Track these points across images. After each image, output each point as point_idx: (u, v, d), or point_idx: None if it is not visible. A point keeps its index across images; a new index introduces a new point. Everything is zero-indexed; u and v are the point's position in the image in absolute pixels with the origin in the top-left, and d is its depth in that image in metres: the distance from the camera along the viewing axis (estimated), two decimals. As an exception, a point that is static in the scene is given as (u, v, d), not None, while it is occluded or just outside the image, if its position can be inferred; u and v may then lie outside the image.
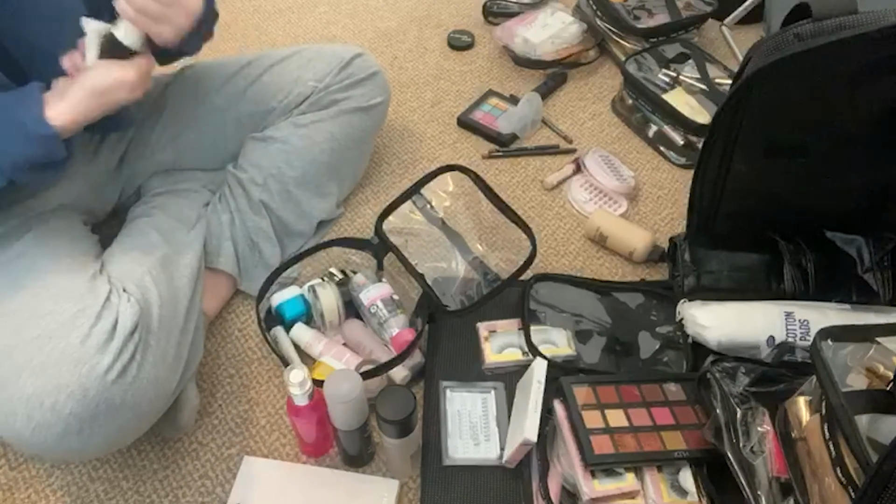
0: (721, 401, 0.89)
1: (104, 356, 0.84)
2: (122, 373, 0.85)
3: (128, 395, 0.85)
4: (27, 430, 0.82)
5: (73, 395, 0.82)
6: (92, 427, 0.83)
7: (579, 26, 1.60)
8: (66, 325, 0.85)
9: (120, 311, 0.88)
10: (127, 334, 0.87)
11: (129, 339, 0.87)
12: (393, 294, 1.11)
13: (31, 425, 0.82)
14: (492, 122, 1.47)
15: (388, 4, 1.79)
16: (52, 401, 0.81)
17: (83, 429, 0.83)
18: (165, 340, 0.93)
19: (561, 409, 0.95)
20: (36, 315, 0.87)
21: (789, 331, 1.01)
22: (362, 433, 0.94)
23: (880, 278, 1.07)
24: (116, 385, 0.84)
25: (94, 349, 0.84)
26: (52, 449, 0.84)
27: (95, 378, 0.83)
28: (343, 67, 1.22)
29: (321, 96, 1.20)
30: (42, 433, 0.82)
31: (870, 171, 1.01)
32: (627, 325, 1.12)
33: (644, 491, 0.89)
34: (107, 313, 0.88)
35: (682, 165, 1.40)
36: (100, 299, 0.89)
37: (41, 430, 0.82)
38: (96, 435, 0.84)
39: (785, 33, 0.88)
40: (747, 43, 1.10)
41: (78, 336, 0.85)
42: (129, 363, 0.86)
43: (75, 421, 0.82)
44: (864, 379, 0.78)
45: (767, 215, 1.08)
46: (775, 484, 0.81)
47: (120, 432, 0.88)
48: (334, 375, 0.90)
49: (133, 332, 0.88)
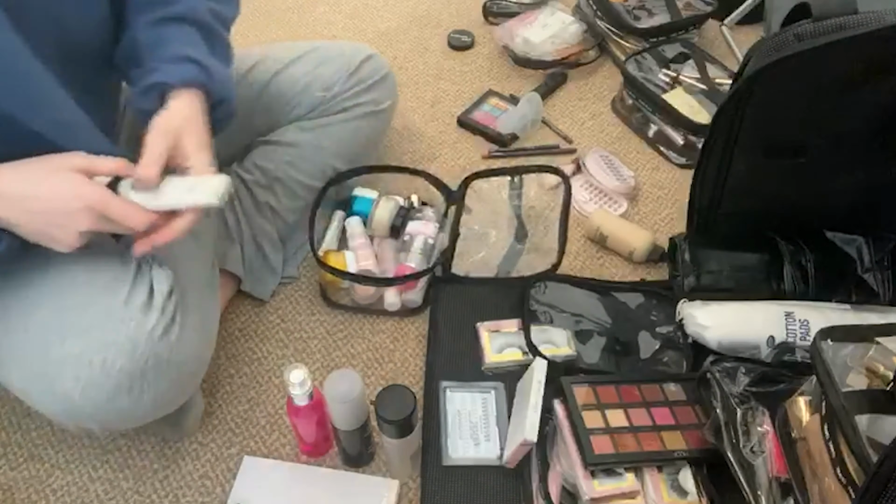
0: (721, 401, 0.89)
1: (148, 314, 0.84)
2: (166, 332, 0.84)
3: (174, 353, 0.85)
4: (76, 391, 0.80)
5: (122, 351, 0.81)
6: (142, 384, 0.82)
7: (579, 26, 1.60)
8: (105, 290, 0.84)
9: (154, 276, 0.87)
10: (165, 296, 0.86)
11: (167, 301, 0.86)
12: (430, 238, 1.17)
13: (80, 385, 0.80)
14: (492, 122, 1.47)
15: (388, 4, 1.79)
16: (102, 358, 0.80)
17: (133, 386, 0.82)
18: (199, 309, 0.93)
19: (561, 409, 0.95)
20: (73, 285, 0.85)
21: (789, 331, 1.01)
22: (362, 433, 0.94)
23: (880, 278, 1.07)
24: (162, 342, 0.84)
25: (137, 309, 0.83)
26: (103, 409, 0.82)
27: (143, 333, 0.82)
28: (352, 73, 1.18)
29: (330, 105, 1.18)
30: (92, 393, 0.80)
31: (869, 171, 1.01)
32: (627, 325, 1.12)
33: (644, 491, 0.89)
34: (141, 279, 0.87)
35: (682, 165, 1.40)
36: (131, 266, 0.87)
37: (91, 389, 0.80)
38: (146, 392, 0.83)
39: (785, 33, 0.88)
40: (747, 43, 1.10)
41: (119, 299, 0.84)
42: (171, 323, 0.85)
43: (125, 377, 0.81)
44: (864, 379, 0.78)
45: (767, 215, 1.08)
46: (775, 484, 0.81)
47: (168, 390, 0.87)
48: (334, 376, 0.90)
49: (170, 295, 0.87)
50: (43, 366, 0.82)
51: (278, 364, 1.12)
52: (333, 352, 1.13)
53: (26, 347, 0.83)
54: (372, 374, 1.11)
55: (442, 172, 1.32)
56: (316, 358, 1.12)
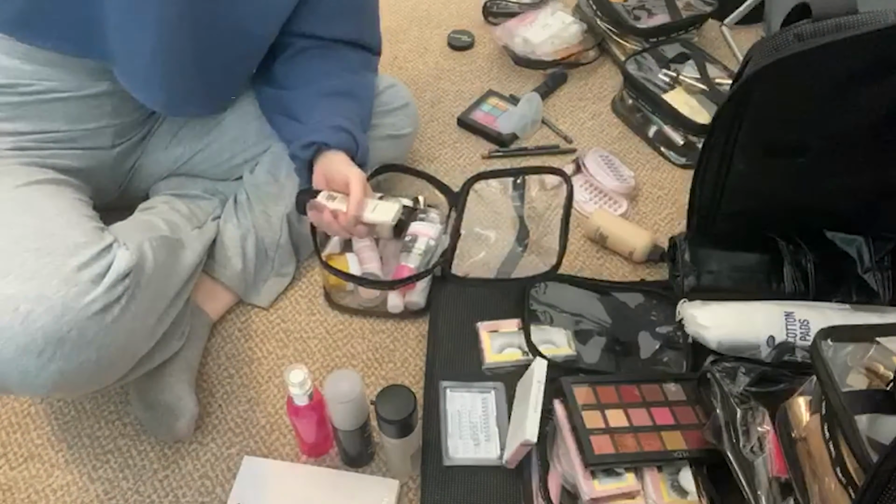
0: (721, 401, 0.89)
1: (94, 286, 0.84)
2: (104, 310, 0.84)
3: (100, 334, 0.83)
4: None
5: (51, 310, 0.80)
6: (54, 352, 0.81)
7: (579, 26, 1.60)
8: (67, 249, 0.85)
9: (117, 256, 0.88)
10: (119, 275, 0.86)
11: (119, 281, 0.86)
12: (432, 240, 1.17)
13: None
14: (492, 122, 1.47)
15: (388, 4, 1.79)
16: (28, 308, 0.79)
17: (45, 350, 0.80)
18: (150, 302, 0.93)
19: (561, 409, 0.95)
20: (41, 233, 0.86)
21: (789, 331, 1.01)
22: (362, 433, 0.94)
23: (880, 278, 1.07)
24: (94, 320, 0.83)
25: (86, 278, 0.83)
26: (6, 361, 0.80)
27: (79, 302, 0.82)
28: (376, 95, 1.21)
29: None
30: (3, 339, 0.79)
31: (870, 172, 1.01)
32: (627, 325, 1.12)
33: (644, 491, 0.89)
34: (105, 254, 0.87)
35: (682, 165, 1.40)
36: (104, 242, 0.88)
37: (4, 335, 0.79)
38: (54, 362, 0.81)
39: (785, 33, 0.88)
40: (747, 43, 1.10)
41: (76, 262, 0.84)
42: (113, 303, 0.85)
43: (41, 337, 0.80)
44: (864, 379, 0.78)
45: (767, 215, 1.09)
46: (775, 484, 0.81)
47: (76, 372, 0.84)
48: (334, 376, 0.90)
49: (125, 277, 0.87)
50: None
51: (278, 364, 1.12)
52: (333, 352, 1.13)
53: None
54: (372, 374, 1.11)
55: (442, 172, 1.33)
56: (316, 358, 1.12)
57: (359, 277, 1.13)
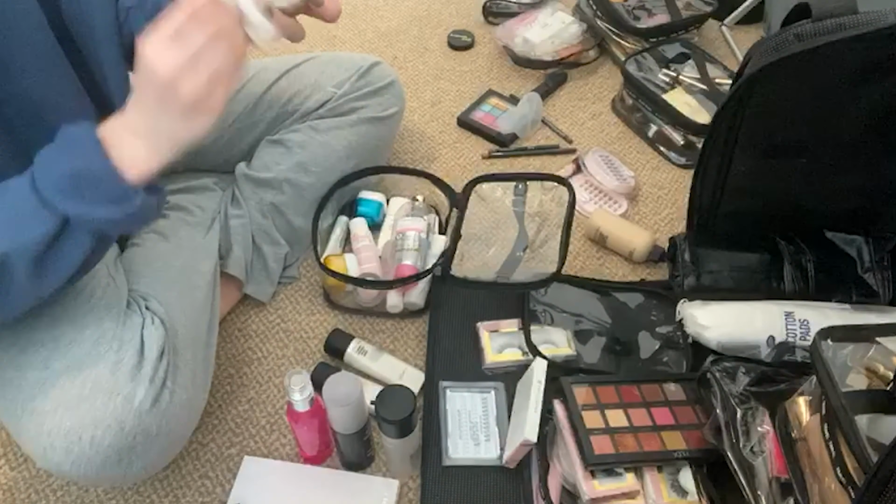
0: (721, 401, 0.89)
1: (136, 385, 0.83)
2: (156, 401, 0.84)
3: (163, 423, 0.85)
4: (66, 463, 0.81)
5: (110, 429, 0.81)
6: (131, 457, 0.83)
7: (579, 26, 1.60)
8: (90, 353, 0.84)
9: (145, 336, 0.87)
10: (156, 360, 0.86)
11: (158, 365, 0.86)
12: (422, 233, 1.17)
13: (71, 459, 0.81)
14: (492, 122, 1.47)
15: (388, 4, 1.79)
16: (90, 435, 0.81)
17: (122, 459, 0.83)
18: (192, 360, 0.93)
19: (561, 409, 0.95)
20: (61, 345, 0.85)
21: (789, 331, 1.01)
22: (361, 437, 0.94)
23: (880, 278, 1.07)
24: (150, 414, 0.84)
25: (124, 378, 0.83)
26: (93, 479, 0.85)
27: (130, 409, 0.82)
28: (362, 75, 1.22)
29: (340, 103, 1.20)
30: (82, 466, 0.82)
31: (869, 171, 1.01)
32: (627, 325, 1.12)
33: (644, 491, 0.89)
34: (131, 336, 0.86)
35: (682, 165, 1.40)
36: (119, 318, 0.87)
37: (80, 462, 0.81)
38: (135, 464, 0.84)
39: (785, 33, 0.88)
40: (747, 43, 1.10)
41: (105, 366, 0.83)
42: (161, 390, 0.85)
43: (114, 453, 0.82)
44: (864, 379, 0.78)
45: (767, 215, 1.08)
46: (775, 484, 0.81)
47: (158, 459, 0.88)
48: (332, 379, 0.89)
49: (161, 357, 0.87)
50: (37, 434, 0.82)
51: (278, 364, 1.12)
52: (333, 352, 1.13)
53: (20, 408, 0.83)
54: (372, 374, 1.11)
55: (442, 172, 1.33)
56: (316, 358, 1.12)
57: (357, 279, 1.13)
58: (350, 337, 1.10)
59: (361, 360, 1.08)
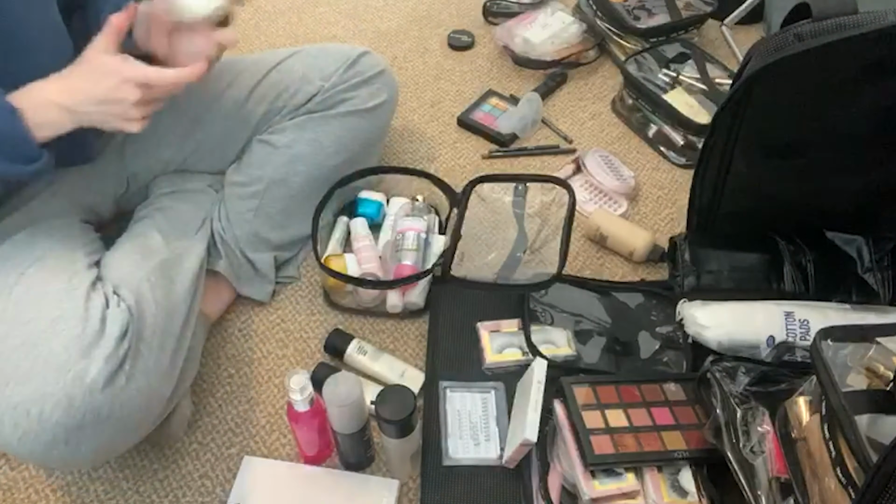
0: (721, 401, 0.89)
1: (90, 363, 0.82)
2: (110, 381, 0.83)
3: (115, 406, 0.83)
4: (14, 438, 0.81)
5: (59, 404, 0.80)
6: (79, 437, 0.82)
7: (579, 26, 1.60)
8: (46, 331, 0.84)
9: (108, 316, 0.87)
10: (115, 340, 0.85)
11: (118, 346, 0.85)
12: (422, 233, 1.17)
13: (18, 434, 0.81)
14: (492, 122, 1.47)
15: (388, 4, 1.79)
16: (38, 410, 0.80)
17: (70, 439, 0.82)
18: (159, 349, 0.91)
19: (561, 409, 0.95)
20: (19, 322, 0.85)
21: (789, 331, 1.01)
22: (361, 436, 0.94)
23: (880, 278, 1.07)
24: (103, 394, 0.82)
25: (77, 354, 0.82)
26: (40, 457, 0.84)
27: (81, 386, 0.81)
28: (350, 66, 1.19)
29: (329, 95, 1.17)
30: (29, 442, 0.81)
31: (869, 171, 1.01)
32: (627, 325, 1.12)
33: (644, 491, 0.89)
34: (91, 317, 0.85)
35: (682, 165, 1.40)
36: (80, 302, 0.87)
37: (28, 438, 0.81)
38: (84, 445, 0.83)
39: (785, 33, 0.88)
40: (747, 43, 1.10)
41: (60, 342, 0.83)
42: (116, 371, 0.84)
43: (61, 430, 0.81)
44: (864, 379, 0.78)
45: (767, 215, 1.09)
46: (775, 484, 0.81)
47: (109, 443, 0.86)
48: (332, 379, 0.89)
49: (122, 339, 0.86)
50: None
51: (278, 364, 1.12)
52: (333, 352, 1.13)
53: None
54: (372, 374, 1.11)
55: (442, 172, 1.33)
56: (316, 358, 1.12)
57: (356, 278, 1.13)
58: (350, 337, 1.10)
59: (361, 360, 1.08)
